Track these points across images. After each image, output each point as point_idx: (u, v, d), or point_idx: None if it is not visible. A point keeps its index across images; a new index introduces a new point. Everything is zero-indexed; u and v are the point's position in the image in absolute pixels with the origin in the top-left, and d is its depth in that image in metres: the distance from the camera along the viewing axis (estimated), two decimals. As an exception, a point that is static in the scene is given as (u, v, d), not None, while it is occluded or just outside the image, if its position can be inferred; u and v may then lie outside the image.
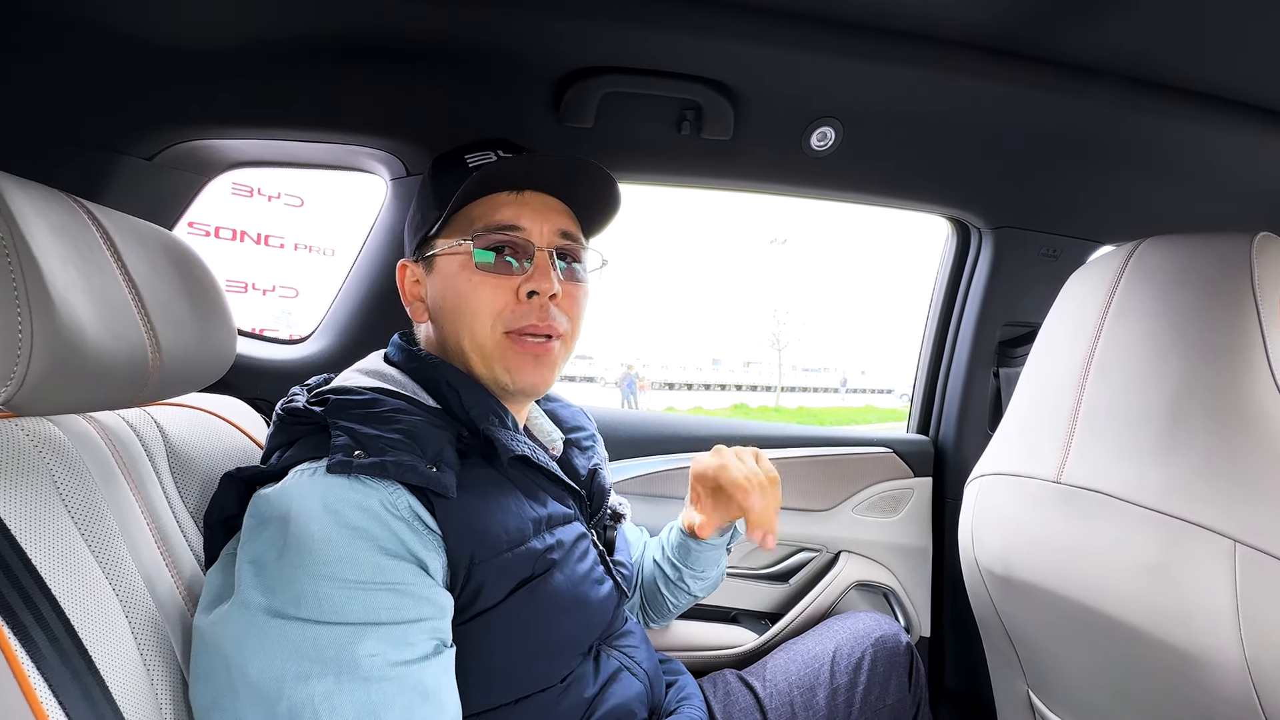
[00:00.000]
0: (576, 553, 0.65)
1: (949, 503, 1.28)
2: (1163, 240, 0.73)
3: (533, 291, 0.64)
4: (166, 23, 0.78)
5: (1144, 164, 1.08)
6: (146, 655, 0.48)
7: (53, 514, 0.46)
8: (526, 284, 0.64)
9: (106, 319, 0.47)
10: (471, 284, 0.64)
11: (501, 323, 0.64)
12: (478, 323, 0.64)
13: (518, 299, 0.64)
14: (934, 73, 0.89)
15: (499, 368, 0.65)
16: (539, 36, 0.83)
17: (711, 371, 54.83)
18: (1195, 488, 0.62)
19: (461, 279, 0.64)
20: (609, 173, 0.67)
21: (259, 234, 4.80)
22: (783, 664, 0.92)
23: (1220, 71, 0.88)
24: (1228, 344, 0.64)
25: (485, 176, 0.63)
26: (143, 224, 0.57)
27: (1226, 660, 0.59)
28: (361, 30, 0.82)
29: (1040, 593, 0.77)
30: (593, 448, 0.81)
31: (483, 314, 0.64)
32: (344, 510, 0.50)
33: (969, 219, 1.22)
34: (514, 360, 0.65)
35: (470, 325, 0.64)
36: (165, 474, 0.61)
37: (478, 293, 0.64)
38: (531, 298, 0.64)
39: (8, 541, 0.42)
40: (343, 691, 0.45)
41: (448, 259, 0.66)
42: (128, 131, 0.88)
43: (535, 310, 0.64)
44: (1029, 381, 0.84)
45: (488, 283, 0.64)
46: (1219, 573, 0.59)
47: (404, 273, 0.71)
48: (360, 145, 0.97)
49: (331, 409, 0.57)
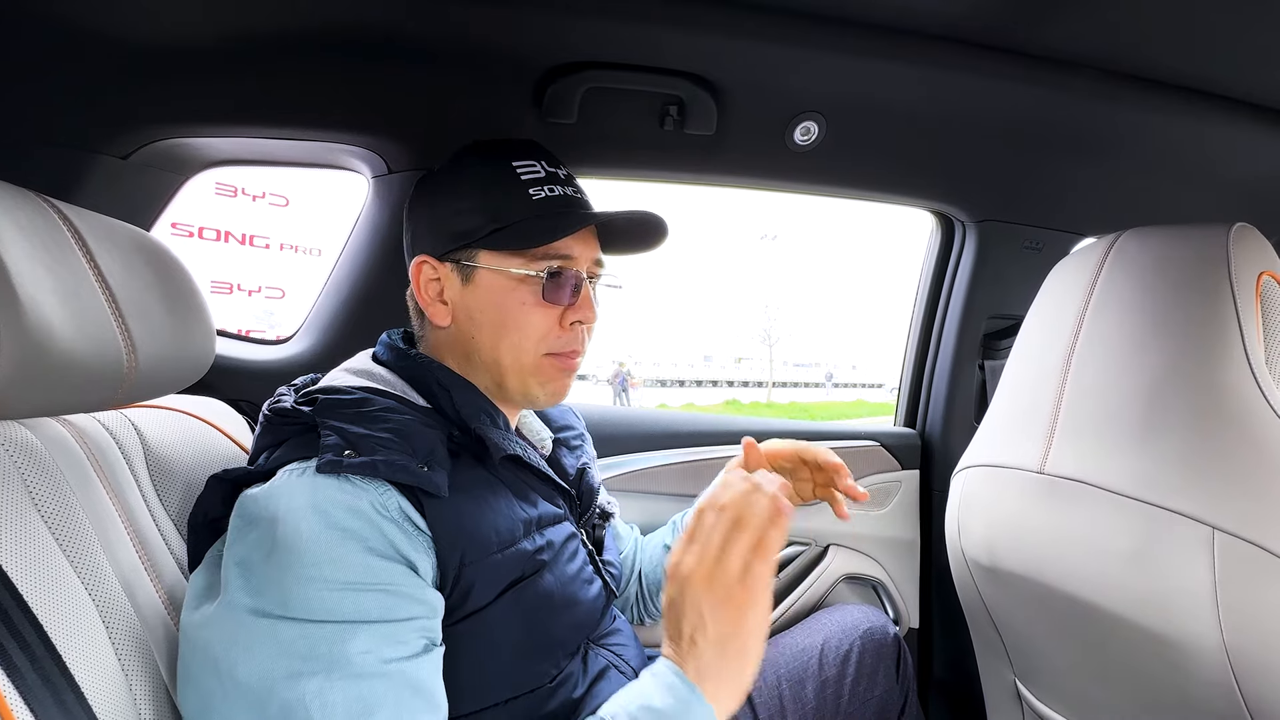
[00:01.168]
0: (566, 553, 0.65)
1: (936, 495, 1.29)
2: (1142, 232, 0.74)
3: (577, 320, 0.67)
4: (141, 19, 0.77)
5: (1125, 156, 1.09)
6: (125, 662, 0.48)
7: (26, 519, 0.45)
8: (573, 314, 0.67)
9: (78, 320, 0.47)
10: (524, 308, 0.65)
11: (545, 345, 0.66)
12: (525, 344, 0.66)
13: (562, 325, 0.67)
14: (916, 66, 0.89)
15: (534, 382, 0.67)
16: (520, 32, 0.83)
17: (703, 368, 54.95)
18: (1174, 476, 0.63)
19: (512, 299, 0.65)
20: (666, 224, 0.71)
21: (244, 234, 4.75)
22: (771, 657, 0.93)
23: (1200, 64, 0.89)
24: (1205, 333, 0.64)
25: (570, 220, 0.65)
26: (116, 223, 0.56)
27: (1206, 645, 0.60)
28: (341, 26, 0.81)
29: (1025, 582, 0.78)
30: (581, 447, 0.81)
31: (531, 338, 0.66)
32: (333, 511, 0.49)
33: (953, 212, 1.23)
34: (549, 375, 0.67)
35: (516, 345, 0.65)
36: (144, 477, 0.60)
37: (530, 318, 0.65)
38: (574, 325, 0.67)
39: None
40: (334, 688, 0.45)
41: (495, 275, 0.65)
42: (102, 130, 0.86)
43: (578, 337, 0.68)
44: (1013, 374, 0.85)
45: (541, 310, 0.65)
46: (1197, 559, 0.60)
47: (421, 270, 0.68)
48: (341, 143, 0.96)
49: (320, 409, 0.57)
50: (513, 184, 0.66)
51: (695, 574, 0.53)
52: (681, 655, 0.53)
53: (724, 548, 0.54)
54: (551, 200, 0.66)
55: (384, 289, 1.01)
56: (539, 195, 0.66)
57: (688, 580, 0.54)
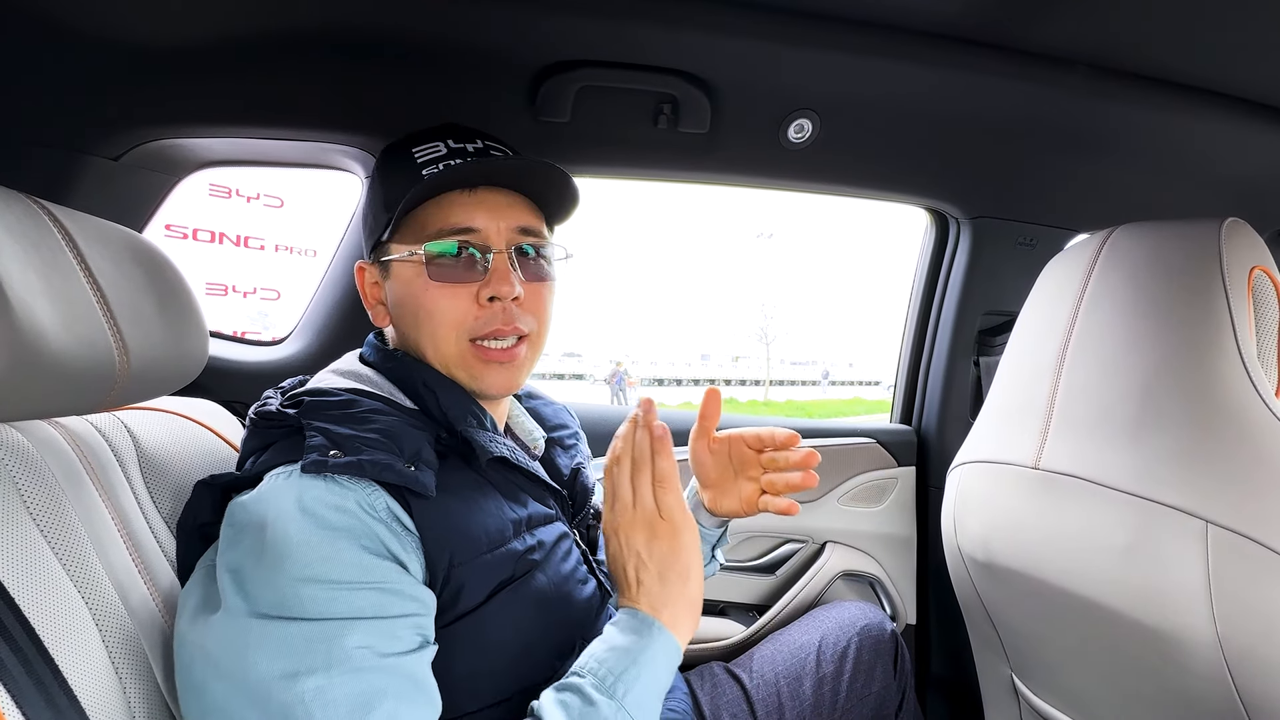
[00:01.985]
0: (559, 553, 0.64)
1: (932, 491, 1.30)
2: (1135, 227, 0.74)
3: (493, 296, 0.62)
4: (132, 20, 0.77)
5: (1118, 152, 1.09)
6: (119, 665, 0.47)
7: (17, 522, 0.45)
8: (485, 289, 0.62)
9: (69, 322, 0.46)
10: (429, 293, 0.62)
11: (465, 331, 0.62)
12: (440, 333, 0.62)
13: (479, 304, 0.62)
14: (910, 64, 0.89)
15: (464, 375, 0.64)
16: (513, 30, 0.83)
17: (700, 367, 54.96)
18: (1167, 470, 0.63)
19: (418, 287, 0.62)
20: (562, 170, 0.64)
21: (238, 236, 4.73)
22: (769, 655, 0.93)
23: (1192, 61, 0.90)
24: (1197, 327, 0.65)
25: (435, 181, 0.60)
26: (108, 225, 0.56)
27: (1200, 638, 0.60)
28: (333, 26, 0.81)
29: (1021, 577, 0.78)
30: (576, 446, 0.80)
31: (444, 324, 0.62)
32: (321, 511, 0.49)
33: (947, 209, 1.23)
34: (479, 369, 0.64)
35: (433, 335, 0.63)
36: (137, 480, 0.60)
37: (436, 303, 0.62)
38: (492, 302, 0.62)
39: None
40: (334, 685, 0.45)
41: (402, 265, 0.64)
42: (93, 131, 0.86)
43: (499, 315, 0.63)
44: (1007, 370, 0.85)
45: (445, 292, 0.62)
46: (1191, 553, 0.60)
47: (362, 275, 0.69)
48: (334, 143, 0.96)
49: (306, 410, 0.56)
50: (408, 169, 0.63)
51: (622, 524, 0.60)
52: (632, 597, 0.58)
53: (635, 491, 0.60)
54: (442, 173, 0.61)
55: None
56: (430, 171, 0.62)
57: (616, 530, 0.60)
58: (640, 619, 0.57)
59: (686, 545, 0.59)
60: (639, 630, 0.56)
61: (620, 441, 0.62)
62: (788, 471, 0.71)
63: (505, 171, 0.64)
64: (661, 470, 0.60)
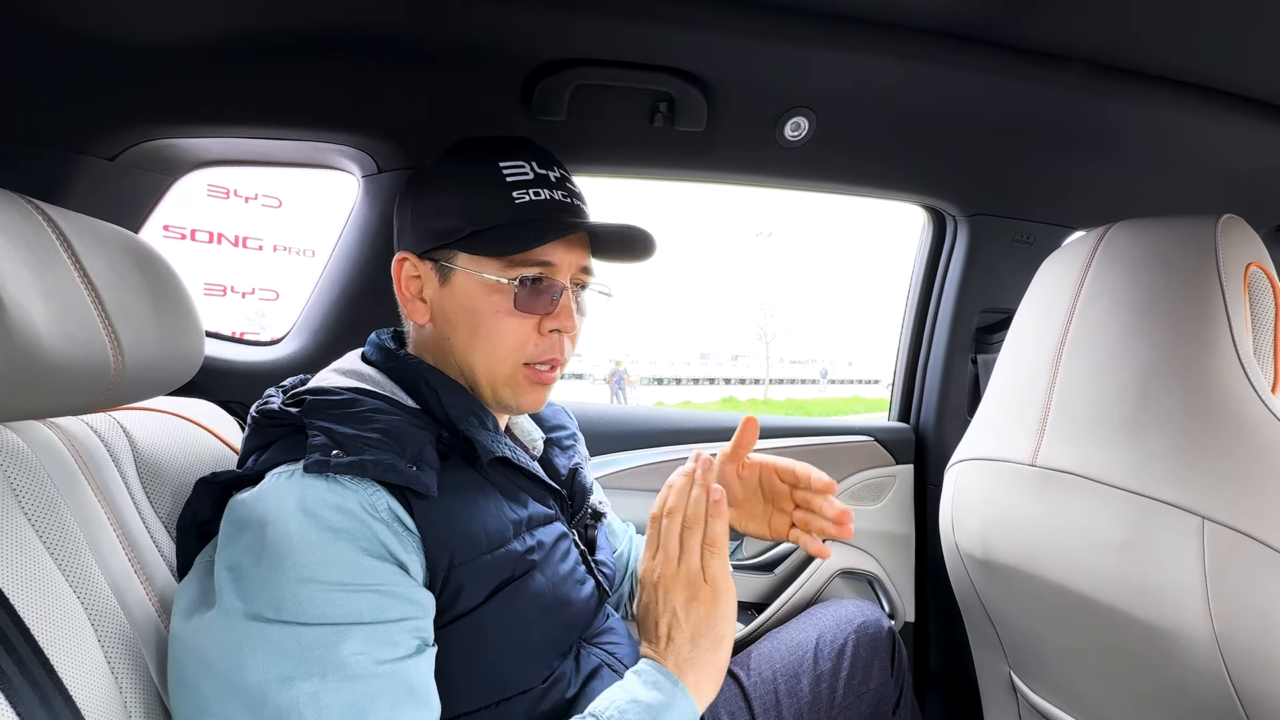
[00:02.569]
0: (558, 554, 0.64)
1: (930, 489, 1.30)
2: (1131, 224, 0.74)
3: (555, 329, 0.64)
4: (129, 19, 0.76)
5: (1115, 150, 1.09)
6: (115, 665, 0.47)
7: (13, 523, 0.45)
8: (551, 322, 0.64)
9: (64, 322, 0.46)
10: (498, 316, 0.63)
11: (523, 356, 0.64)
12: (499, 353, 0.64)
13: (540, 333, 0.64)
14: (906, 61, 0.89)
15: (506, 391, 0.65)
16: (508, 29, 0.82)
17: (700, 366, 54.93)
18: (1164, 466, 0.63)
19: (485, 305, 0.63)
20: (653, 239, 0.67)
21: (236, 236, 4.72)
22: (767, 653, 0.93)
23: (1189, 57, 0.90)
24: (1194, 324, 0.65)
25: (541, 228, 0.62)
26: (102, 225, 0.56)
27: (1197, 634, 0.60)
28: (328, 25, 0.80)
29: (1018, 574, 0.78)
30: (574, 446, 0.80)
31: (506, 347, 0.64)
32: (322, 512, 0.49)
33: (944, 207, 1.23)
34: (525, 389, 0.66)
35: (490, 353, 0.64)
36: (133, 480, 0.60)
37: (504, 326, 0.63)
38: (553, 333, 0.65)
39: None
40: (329, 691, 0.45)
41: (470, 278, 0.63)
42: (88, 131, 0.85)
43: (556, 345, 0.65)
44: (1005, 367, 0.85)
45: (516, 318, 0.63)
46: (1188, 549, 0.60)
47: (402, 267, 0.67)
48: (330, 142, 0.96)
49: (308, 409, 0.56)
50: (496, 185, 0.63)
51: (663, 577, 0.61)
52: (660, 652, 0.59)
53: (682, 549, 0.62)
54: (535, 205, 0.63)
55: (375, 288, 1.01)
56: (522, 199, 0.63)
57: (657, 585, 0.62)
58: (667, 677, 0.58)
59: (724, 613, 0.61)
60: (664, 689, 0.57)
61: (675, 495, 0.64)
62: (822, 520, 0.72)
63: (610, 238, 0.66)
64: (714, 534, 0.61)
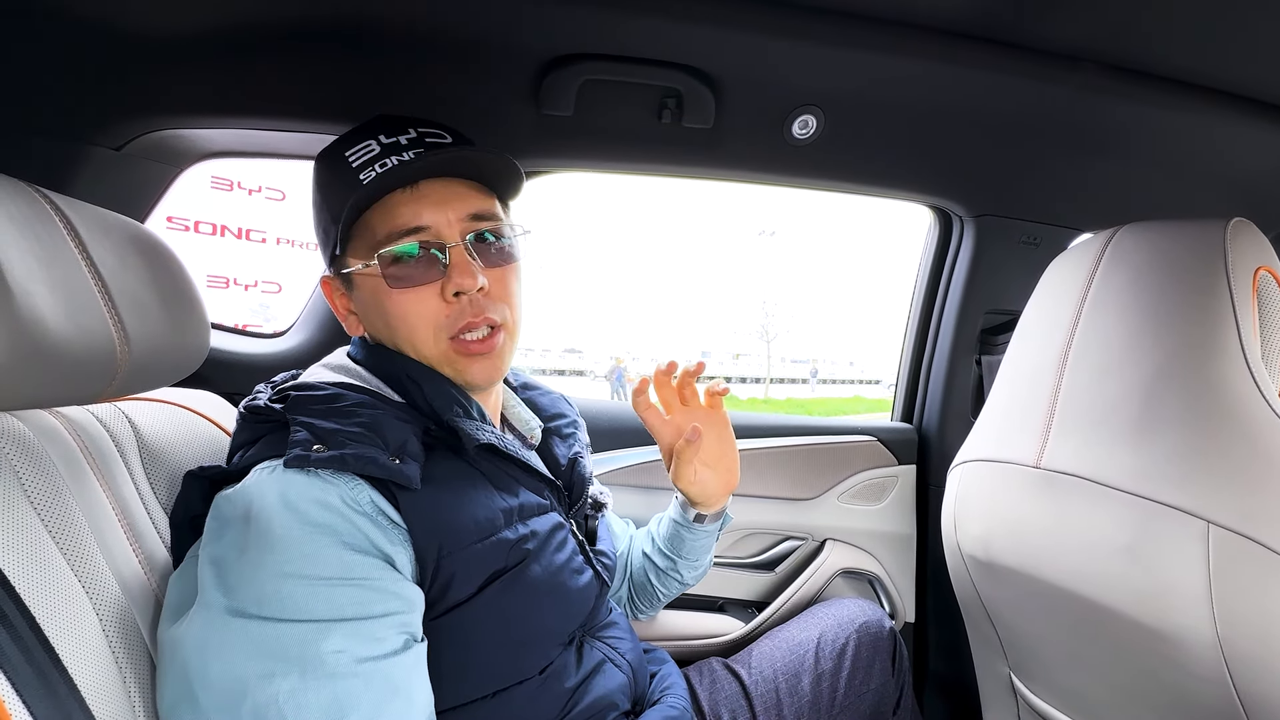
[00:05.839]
0: (554, 543, 0.64)
1: (932, 489, 1.29)
2: (1139, 227, 0.74)
3: (457, 291, 0.61)
4: (134, 8, 0.76)
5: (1123, 151, 1.08)
6: (117, 652, 0.47)
7: (17, 510, 0.45)
8: (448, 285, 0.61)
9: (70, 311, 0.46)
10: (395, 301, 0.61)
11: (441, 330, 0.62)
12: (416, 336, 0.62)
13: (445, 301, 0.61)
14: (916, 60, 0.89)
15: (450, 371, 0.64)
16: (517, 22, 0.82)
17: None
18: (1169, 470, 0.63)
19: (383, 296, 0.61)
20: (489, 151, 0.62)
21: (240, 229, 4.72)
22: (768, 651, 0.93)
23: (1199, 59, 0.89)
24: (1201, 328, 0.64)
25: (372, 187, 0.58)
26: (109, 215, 0.56)
27: (1200, 639, 0.60)
28: (336, 16, 0.80)
29: (1020, 576, 0.78)
30: (574, 435, 0.80)
31: (418, 328, 0.61)
32: (304, 506, 0.49)
33: (950, 207, 1.22)
34: (462, 363, 0.63)
35: (410, 339, 0.62)
36: (137, 470, 0.60)
37: (403, 308, 0.61)
38: (458, 296, 0.61)
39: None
40: (308, 689, 0.44)
41: (362, 276, 0.63)
42: (95, 121, 0.85)
43: (467, 309, 0.62)
44: (1010, 369, 0.85)
45: (409, 296, 0.61)
46: (1192, 553, 0.60)
47: (329, 288, 0.68)
48: (337, 134, 0.95)
49: (291, 405, 0.56)
50: (345, 175, 0.61)
51: None
52: None
53: None
54: (382, 177, 0.59)
55: None
56: (368, 177, 0.60)
57: None
58: None
59: None
60: None
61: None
62: None
63: (438, 165, 0.61)
64: None
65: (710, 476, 0.83)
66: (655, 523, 0.94)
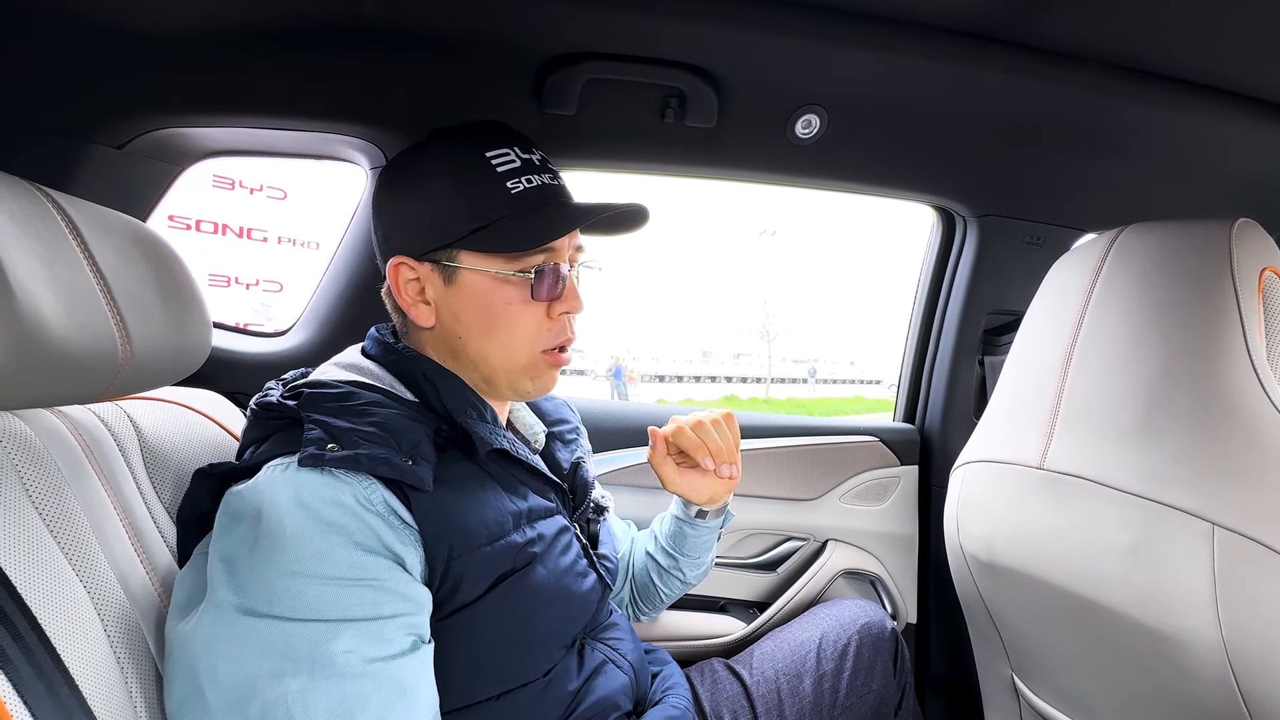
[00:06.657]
0: (558, 546, 0.64)
1: (935, 490, 1.29)
2: (1144, 227, 0.74)
3: (566, 311, 0.66)
4: (138, 7, 0.76)
5: (1127, 151, 1.08)
6: (120, 653, 0.47)
7: (19, 511, 0.45)
8: (560, 306, 0.66)
9: (72, 310, 0.46)
10: (511, 308, 0.64)
11: (538, 341, 0.65)
12: (516, 344, 0.65)
13: (550, 318, 0.66)
14: (919, 60, 0.88)
15: (525, 380, 0.67)
16: (520, 21, 0.82)
17: (701, 364, 54.98)
18: (1173, 471, 0.62)
19: (497, 300, 0.63)
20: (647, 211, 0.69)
21: (241, 228, 4.72)
22: (769, 652, 0.93)
23: (1203, 59, 0.89)
24: (1206, 329, 0.64)
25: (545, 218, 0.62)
26: (111, 213, 0.56)
27: (1204, 642, 0.60)
28: (339, 15, 0.80)
29: (1023, 578, 0.78)
30: (576, 440, 0.80)
31: (520, 335, 0.64)
32: (317, 505, 0.49)
33: (954, 207, 1.22)
34: (544, 374, 0.67)
35: (506, 346, 0.65)
36: (139, 469, 0.60)
37: (519, 318, 0.64)
38: (562, 316, 0.66)
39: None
40: (316, 689, 0.44)
41: (480, 275, 0.63)
42: (97, 119, 0.85)
43: (567, 327, 0.67)
44: (1013, 369, 0.84)
45: (528, 307, 0.64)
46: (1197, 555, 0.59)
47: (398, 272, 0.65)
48: (339, 133, 0.95)
49: (305, 402, 0.56)
50: (488, 177, 0.62)
51: None
52: None
53: None
54: (530, 193, 0.63)
55: (381, 281, 1.00)
56: (517, 189, 0.63)
57: None
58: None
59: None
60: None
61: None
62: None
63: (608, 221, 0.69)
64: None
65: (705, 482, 0.81)
66: (658, 521, 0.94)
